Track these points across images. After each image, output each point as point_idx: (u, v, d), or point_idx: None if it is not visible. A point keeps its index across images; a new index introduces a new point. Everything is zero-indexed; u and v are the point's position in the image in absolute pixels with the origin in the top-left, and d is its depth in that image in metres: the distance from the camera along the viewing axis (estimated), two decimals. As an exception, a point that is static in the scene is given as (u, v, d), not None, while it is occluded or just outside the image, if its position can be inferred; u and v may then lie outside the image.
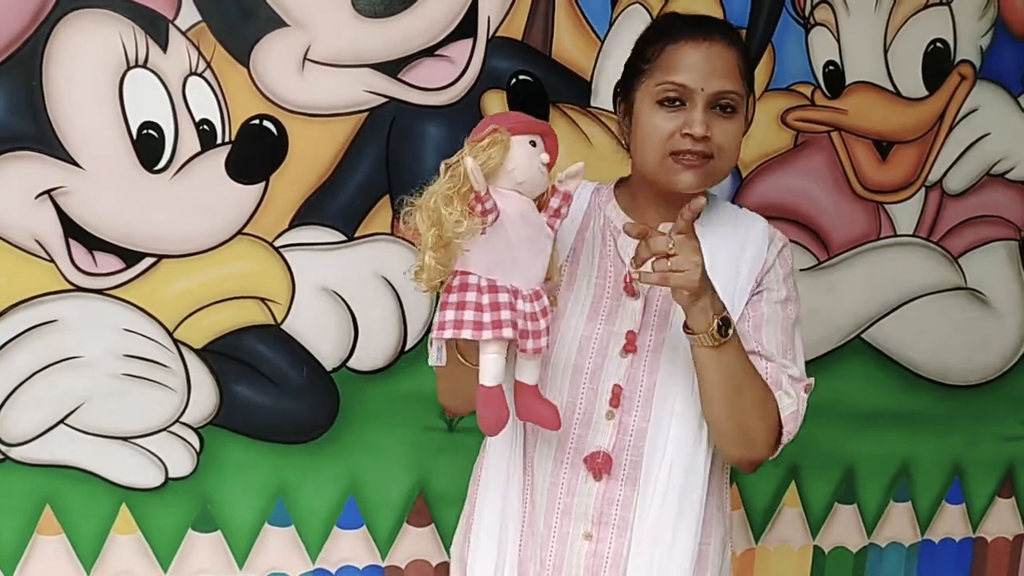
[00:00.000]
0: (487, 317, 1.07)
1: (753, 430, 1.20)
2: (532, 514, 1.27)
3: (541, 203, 1.13)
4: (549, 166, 1.12)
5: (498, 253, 1.08)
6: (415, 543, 1.84)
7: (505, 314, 1.07)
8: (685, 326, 1.15)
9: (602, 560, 1.24)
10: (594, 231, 1.29)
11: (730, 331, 1.13)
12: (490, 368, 1.10)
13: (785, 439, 1.24)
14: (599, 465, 1.22)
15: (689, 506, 1.21)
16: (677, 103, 1.17)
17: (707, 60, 1.16)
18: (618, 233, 1.27)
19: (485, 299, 1.07)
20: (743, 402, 1.17)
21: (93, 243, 1.59)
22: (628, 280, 1.24)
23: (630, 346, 1.22)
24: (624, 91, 1.26)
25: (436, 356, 1.11)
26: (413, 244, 1.12)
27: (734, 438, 1.20)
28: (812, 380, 1.27)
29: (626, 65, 1.26)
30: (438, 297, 1.13)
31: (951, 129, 1.94)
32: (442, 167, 1.08)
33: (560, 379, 1.22)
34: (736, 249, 1.25)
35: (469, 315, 1.07)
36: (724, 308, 1.13)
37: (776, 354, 1.23)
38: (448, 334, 1.07)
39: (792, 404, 1.22)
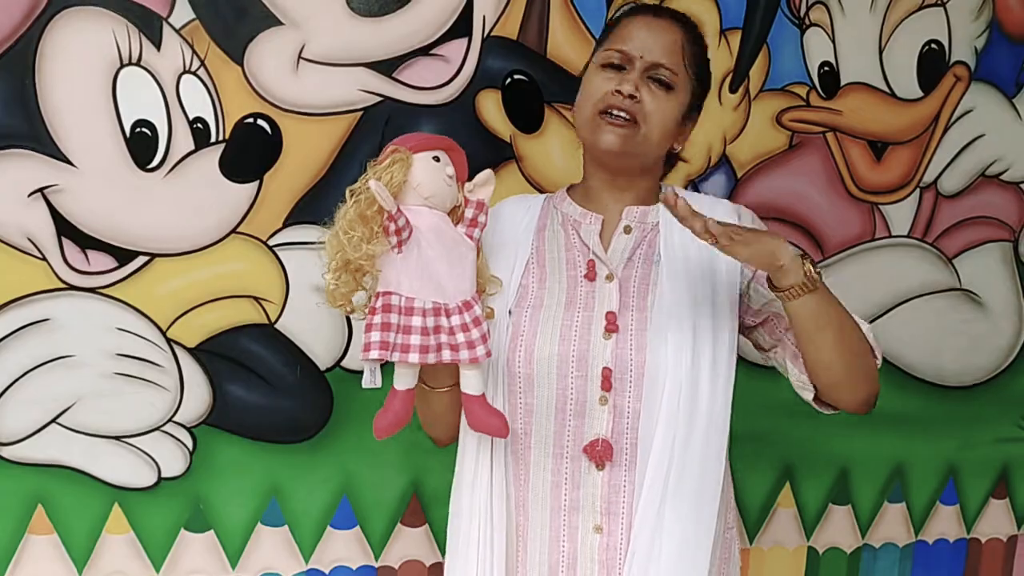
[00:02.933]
0: (402, 339, 1.11)
1: (866, 363, 1.24)
2: (532, 518, 1.25)
3: (457, 216, 1.17)
4: (459, 179, 1.16)
5: (417, 270, 1.12)
6: (409, 543, 1.83)
7: (414, 338, 1.12)
8: (774, 287, 1.17)
9: (615, 553, 1.22)
10: (553, 228, 1.32)
11: (817, 267, 1.16)
12: (404, 377, 1.17)
13: (878, 366, 1.28)
14: (599, 453, 1.21)
15: (689, 486, 1.20)
16: (617, 67, 1.22)
17: (651, 33, 1.22)
18: (579, 225, 1.29)
19: (402, 320, 1.12)
20: (852, 339, 1.21)
21: (86, 241, 1.59)
22: (589, 266, 1.26)
23: (611, 326, 1.21)
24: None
25: (370, 379, 1.15)
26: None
27: (854, 378, 1.23)
28: None
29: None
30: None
31: (946, 130, 1.95)
32: (347, 194, 1.12)
33: (546, 372, 1.21)
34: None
35: (391, 336, 1.11)
36: (800, 249, 1.19)
37: None
38: (374, 355, 1.10)
39: (869, 330, 1.27)
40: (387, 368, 1.17)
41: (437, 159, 1.14)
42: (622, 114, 1.20)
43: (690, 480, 1.21)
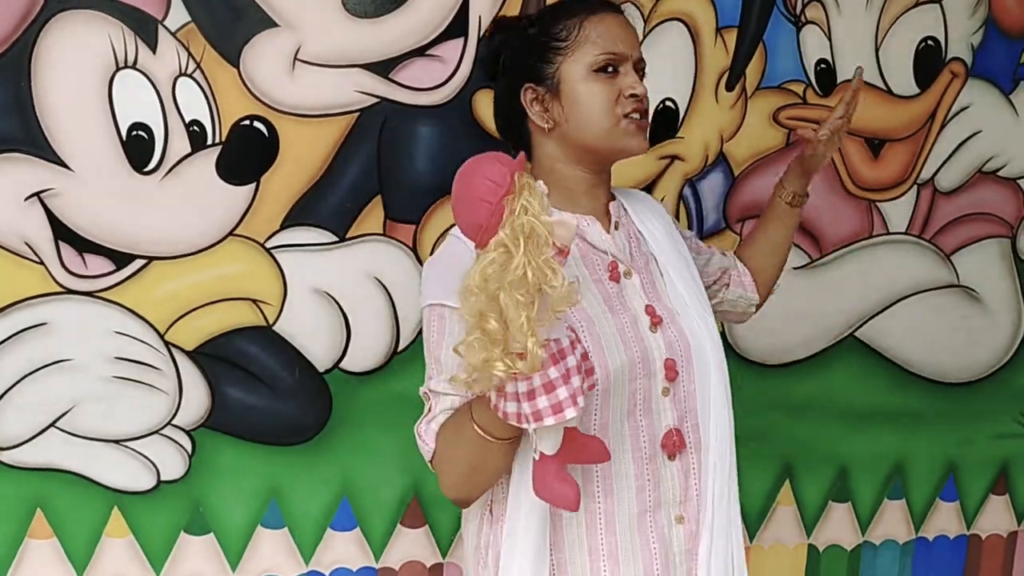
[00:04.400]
0: (575, 383, 0.95)
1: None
2: (622, 530, 1.19)
3: None
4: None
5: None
6: (409, 545, 1.83)
7: (575, 381, 0.96)
8: (801, 193, 1.50)
9: (696, 538, 1.23)
10: None
11: None
12: (554, 434, 1.00)
13: None
14: (675, 443, 1.21)
15: (732, 465, 1.28)
16: (610, 70, 1.21)
17: (626, 30, 1.24)
18: (581, 230, 1.25)
19: (562, 367, 0.95)
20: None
21: (83, 245, 1.58)
22: (611, 267, 1.25)
23: (655, 318, 1.23)
24: (536, 77, 1.22)
25: (551, 444, 1.01)
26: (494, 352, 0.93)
27: (776, 273, 1.56)
28: None
29: (530, 52, 1.23)
30: None
31: (943, 127, 1.95)
32: (509, 235, 0.91)
33: (619, 381, 1.16)
34: (658, 215, 1.37)
35: (576, 382, 0.95)
36: None
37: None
38: (572, 414, 0.94)
39: None
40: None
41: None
42: (644, 118, 1.23)
43: (733, 454, 1.29)
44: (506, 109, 1.28)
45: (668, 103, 1.79)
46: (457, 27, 1.66)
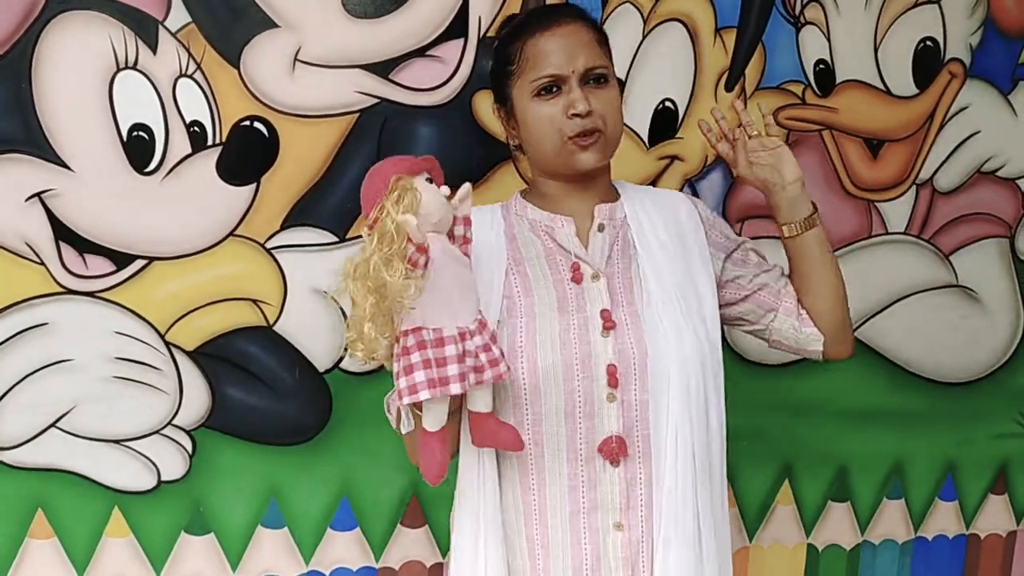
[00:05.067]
0: (439, 372, 1.08)
1: (846, 308, 1.40)
2: (555, 525, 1.24)
3: (449, 235, 1.12)
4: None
5: (439, 300, 1.08)
6: (409, 544, 1.83)
7: (452, 368, 1.08)
8: (783, 223, 1.36)
9: (636, 547, 1.23)
10: (524, 235, 1.31)
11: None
12: (436, 414, 1.12)
13: None
14: (614, 450, 1.21)
15: (703, 476, 1.24)
16: (554, 89, 1.22)
17: (565, 43, 1.22)
18: (551, 230, 1.29)
19: (435, 354, 1.07)
20: (841, 279, 1.39)
21: (84, 246, 1.59)
22: (574, 268, 1.26)
23: (609, 323, 1.22)
24: (500, 99, 1.31)
25: (408, 422, 1.14)
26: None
27: (847, 318, 1.41)
28: None
29: (492, 74, 1.32)
30: None
31: (941, 127, 1.95)
32: (365, 233, 1.07)
33: (553, 379, 1.20)
34: (671, 218, 1.32)
35: (433, 373, 1.07)
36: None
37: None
38: (425, 395, 1.06)
39: None
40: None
41: (430, 180, 1.10)
42: (590, 136, 1.22)
43: (711, 461, 1.26)
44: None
45: (668, 103, 1.79)
46: (457, 28, 1.66)
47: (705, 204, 1.41)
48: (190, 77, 1.58)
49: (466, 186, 1.12)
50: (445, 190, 1.09)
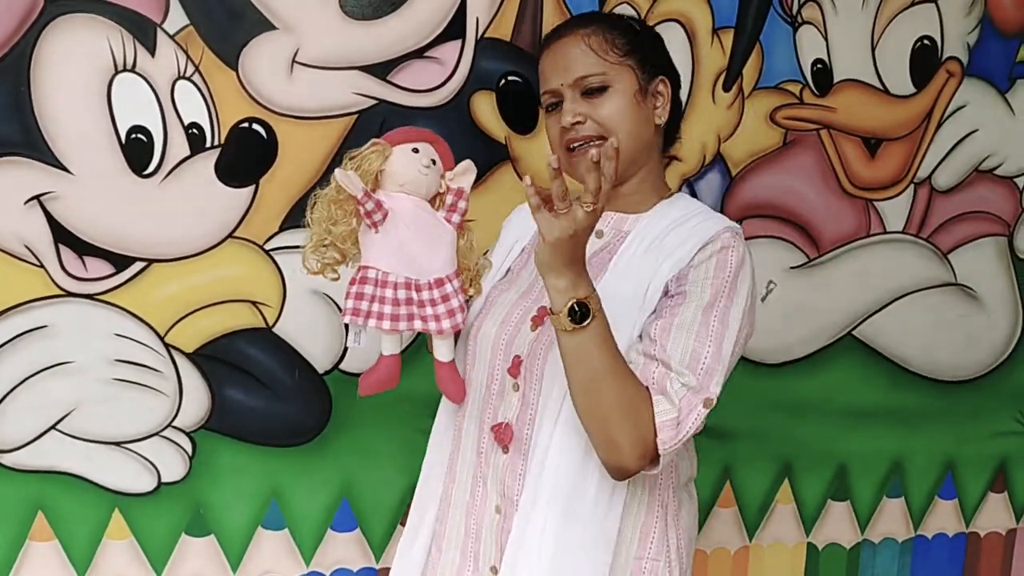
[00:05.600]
0: (376, 308, 1.22)
1: (614, 433, 1.10)
2: (460, 482, 1.31)
3: (440, 202, 1.25)
4: (445, 168, 1.25)
5: (393, 248, 1.21)
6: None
7: (387, 307, 1.22)
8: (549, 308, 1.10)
9: (505, 536, 1.22)
10: None
11: (588, 320, 1.06)
12: (388, 342, 1.29)
13: (661, 448, 1.11)
14: (502, 436, 1.24)
15: (559, 491, 1.15)
16: (558, 105, 1.24)
17: (558, 58, 1.23)
18: None
19: (377, 292, 1.22)
20: (600, 399, 1.09)
21: (83, 248, 1.59)
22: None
23: (538, 319, 1.23)
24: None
25: (353, 339, 1.28)
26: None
27: (595, 437, 1.12)
28: (714, 396, 1.12)
29: None
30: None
31: (939, 126, 1.95)
32: (331, 179, 1.18)
33: (484, 350, 1.27)
34: (667, 248, 1.19)
35: (364, 305, 1.22)
36: (590, 293, 1.07)
37: (676, 361, 1.12)
38: (347, 320, 1.22)
39: (671, 411, 1.10)
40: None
41: (416, 150, 1.21)
42: (584, 144, 1.21)
43: (568, 488, 1.16)
44: None
45: (665, 103, 1.79)
46: (455, 29, 1.66)
47: (729, 252, 1.17)
48: (188, 79, 1.59)
49: (466, 162, 1.24)
50: (425, 161, 1.21)
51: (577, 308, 1.06)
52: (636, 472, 1.13)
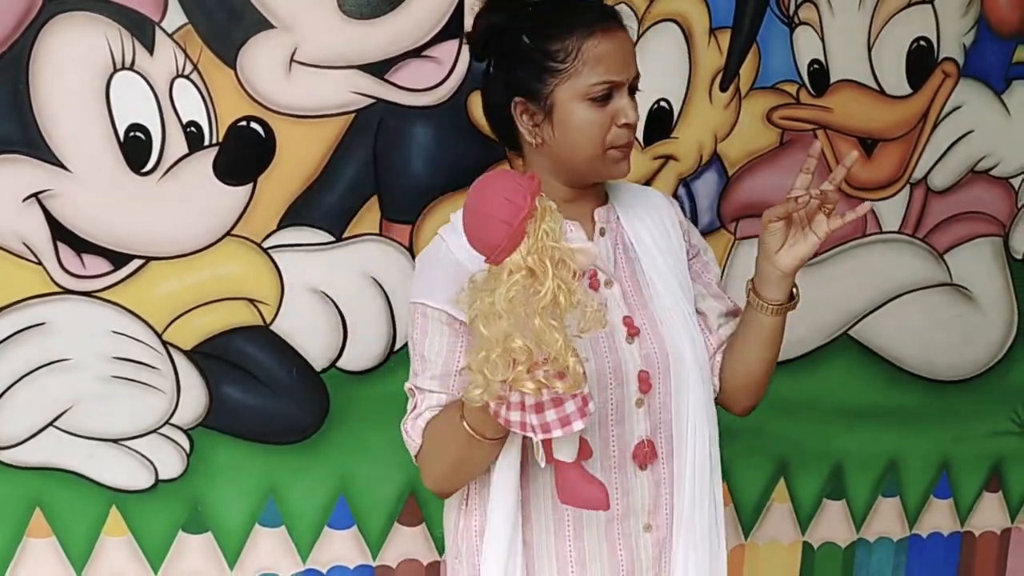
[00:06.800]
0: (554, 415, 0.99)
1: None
2: (591, 536, 1.22)
3: None
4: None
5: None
6: (406, 543, 1.84)
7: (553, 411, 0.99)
8: (761, 298, 1.23)
9: (662, 547, 1.24)
10: None
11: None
12: (569, 443, 1.03)
13: None
14: (645, 454, 1.22)
15: (715, 467, 1.28)
16: (608, 96, 1.17)
17: (621, 49, 1.17)
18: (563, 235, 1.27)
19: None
20: (772, 365, 1.31)
21: (81, 245, 1.59)
22: (590, 275, 1.23)
23: (632, 329, 1.22)
24: (527, 93, 1.18)
25: (570, 452, 1.05)
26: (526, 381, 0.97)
27: (762, 388, 1.33)
28: None
29: (520, 64, 1.18)
30: None
31: (935, 127, 1.96)
32: (512, 268, 0.94)
33: (591, 392, 1.13)
34: (656, 217, 1.31)
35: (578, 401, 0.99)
36: None
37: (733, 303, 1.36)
38: (579, 426, 0.99)
39: None
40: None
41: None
42: (629, 146, 1.20)
43: (717, 453, 1.29)
44: (496, 110, 1.23)
45: (662, 103, 1.80)
46: (452, 28, 1.67)
47: (678, 205, 1.38)
48: (187, 78, 1.59)
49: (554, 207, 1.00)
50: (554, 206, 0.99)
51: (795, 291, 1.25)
52: None
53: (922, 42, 1.91)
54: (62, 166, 1.56)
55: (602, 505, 1.07)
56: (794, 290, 1.25)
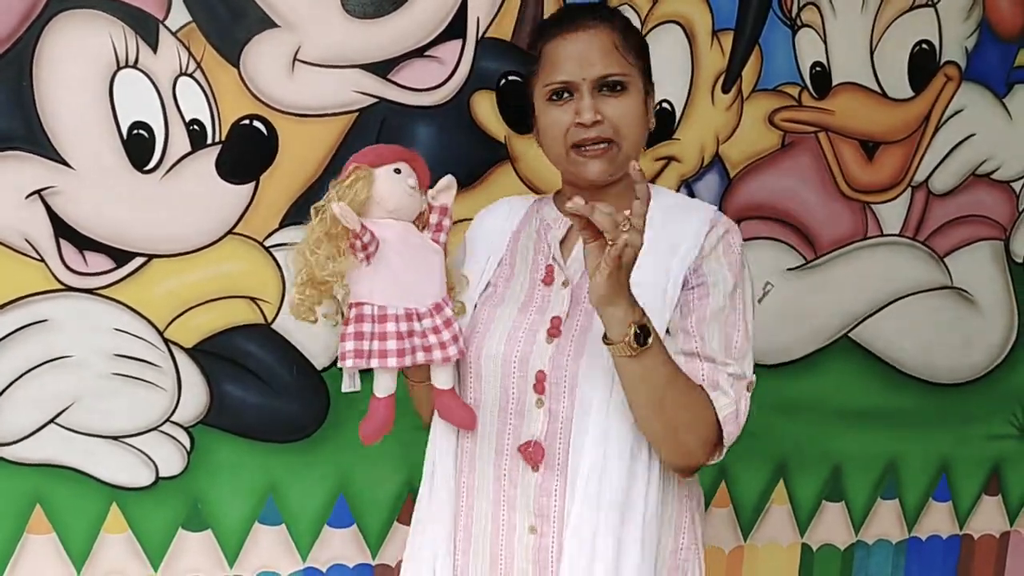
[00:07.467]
0: (378, 345, 1.16)
1: (684, 439, 1.15)
2: (478, 509, 1.27)
3: (423, 222, 1.20)
4: (422, 185, 1.18)
5: (387, 280, 1.15)
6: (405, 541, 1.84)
7: (390, 343, 1.16)
8: (604, 337, 1.10)
9: (547, 554, 1.22)
10: (530, 232, 1.34)
11: (649, 339, 1.07)
12: (383, 382, 1.21)
13: (727, 441, 1.19)
14: (532, 455, 1.21)
15: (614, 497, 1.16)
16: (565, 95, 1.20)
17: (582, 48, 1.19)
18: (548, 228, 1.31)
19: (376, 328, 1.16)
20: (667, 412, 1.13)
21: (83, 243, 1.60)
22: (547, 270, 1.25)
23: (554, 331, 1.21)
24: (527, 92, 1.30)
25: (349, 383, 1.21)
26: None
27: (666, 447, 1.16)
28: (754, 378, 1.22)
29: (526, 66, 1.30)
30: None
31: (937, 130, 1.96)
32: (312, 211, 1.15)
33: (492, 370, 1.23)
34: (673, 227, 1.23)
35: (366, 345, 1.15)
36: (643, 315, 1.08)
37: (719, 352, 1.17)
38: (350, 363, 1.15)
39: (730, 404, 1.18)
40: (368, 374, 1.21)
41: (398, 171, 1.16)
42: (597, 145, 1.20)
43: (621, 494, 1.17)
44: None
45: (665, 105, 1.80)
46: (456, 28, 1.67)
47: (731, 235, 1.24)
48: (190, 76, 1.59)
49: (447, 178, 1.20)
50: (412, 181, 1.17)
51: (639, 331, 1.07)
52: (704, 466, 1.21)
53: (924, 45, 1.92)
54: (65, 163, 1.57)
55: (466, 424, 1.23)
56: (635, 329, 1.06)
